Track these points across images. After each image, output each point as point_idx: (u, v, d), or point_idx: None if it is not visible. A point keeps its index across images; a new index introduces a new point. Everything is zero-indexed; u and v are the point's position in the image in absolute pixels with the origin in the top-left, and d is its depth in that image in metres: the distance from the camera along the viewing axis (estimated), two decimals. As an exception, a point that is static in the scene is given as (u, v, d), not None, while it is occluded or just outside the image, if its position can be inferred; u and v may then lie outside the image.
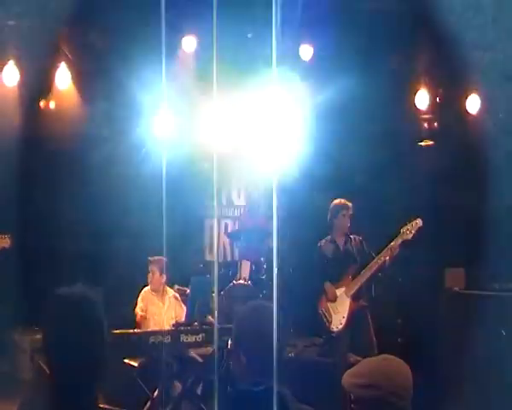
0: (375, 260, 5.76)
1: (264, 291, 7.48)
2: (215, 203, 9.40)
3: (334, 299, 5.95)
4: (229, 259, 9.16)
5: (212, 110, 7.92)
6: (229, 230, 9.23)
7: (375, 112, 8.01)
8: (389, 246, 5.70)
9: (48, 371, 2.58)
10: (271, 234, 8.55)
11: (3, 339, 7.22)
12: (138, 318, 5.92)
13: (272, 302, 2.49)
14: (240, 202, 9.48)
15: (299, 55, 7.61)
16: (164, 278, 6.09)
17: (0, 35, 7.01)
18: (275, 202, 7.86)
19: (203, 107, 7.72)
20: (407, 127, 7.95)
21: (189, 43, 7.52)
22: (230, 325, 5.47)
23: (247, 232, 8.17)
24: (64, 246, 7.89)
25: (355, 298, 5.88)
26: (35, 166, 7.62)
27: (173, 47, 7.31)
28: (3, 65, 7.16)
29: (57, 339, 2.01)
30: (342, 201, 6.06)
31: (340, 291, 5.93)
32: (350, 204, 6.04)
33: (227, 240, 9.15)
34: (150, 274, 6.07)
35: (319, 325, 7.74)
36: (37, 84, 7.48)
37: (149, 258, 6.12)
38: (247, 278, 7.55)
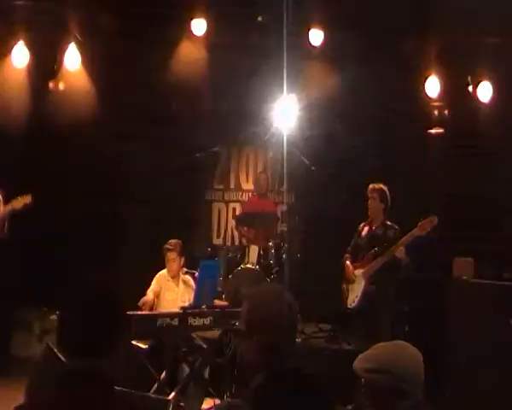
0: (389, 249, 5.79)
1: (272, 276, 7.52)
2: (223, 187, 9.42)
3: (350, 278, 6.12)
4: (236, 243, 9.19)
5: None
6: (237, 214, 9.23)
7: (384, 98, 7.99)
8: (402, 240, 5.78)
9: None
10: (279, 218, 8.64)
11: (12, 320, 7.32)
12: (148, 299, 5.95)
13: (282, 286, 2.45)
14: (248, 185, 9.48)
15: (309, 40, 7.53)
16: (182, 260, 6.14)
17: (9, 16, 6.98)
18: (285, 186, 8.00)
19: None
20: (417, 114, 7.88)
21: (198, 25, 7.42)
22: (238, 309, 5.58)
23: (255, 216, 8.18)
24: (75, 227, 7.95)
25: (369, 282, 5.99)
26: (44, 146, 7.64)
27: (184, 30, 7.25)
28: (13, 46, 7.14)
29: (76, 326, 2.05)
30: (371, 185, 6.13)
31: (358, 272, 6.09)
32: (377, 187, 6.09)
33: (235, 224, 9.18)
34: (170, 262, 6.08)
35: (327, 310, 7.82)
36: (47, 66, 7.46)
37: (167, 246, 6.10)
38: (255, 262, 7.57)
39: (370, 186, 6.09)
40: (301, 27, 7.32)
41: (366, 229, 6.19)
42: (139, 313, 4.99)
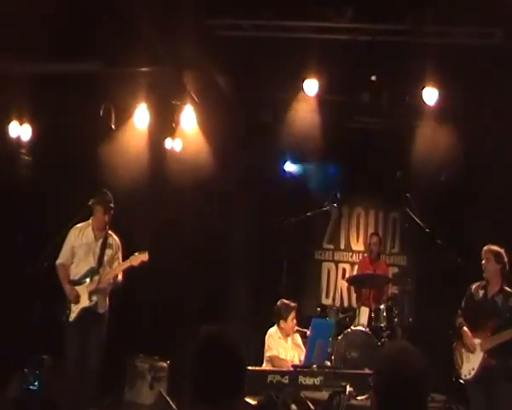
0: None
1: (383, 339, 7.25)
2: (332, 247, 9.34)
3: (469, 348, 5.66)
4: (346, 304, 9.00)
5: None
6: (347, 274, 9.11)
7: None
8: None
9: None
10: (391, 280, 8.39)
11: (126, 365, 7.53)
12: (278, 362, 5.91)
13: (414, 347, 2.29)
14: (358, 246, 9.32)
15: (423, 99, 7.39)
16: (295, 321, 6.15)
17: (133, 80, 7.42)
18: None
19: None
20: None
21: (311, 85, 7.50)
22: (348, 371, 5.38)
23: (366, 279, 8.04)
24: (185, 281, 8.12)
25: (489, 355, 5.54)
26: (161, 202, 7.95)
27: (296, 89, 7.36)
28: (136, 108, 7.55)
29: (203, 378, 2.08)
30: (486, 247, 5.78)
31: (475, 341, 5.64)
32: (492, 248, 5.72)
33: (345, 284, 9.02)
34: (292, 321, 6.12)
35: (440, 379, 7.36)
36: (165, 126, 7.81)
37: (292, 305, 6.17)
38: (366, 324, 7.36)
39: (485, 248, 5.76)
40: (415, 85, 7.21)
41: (481, 293, 5.78)
42: (250, 368, 4.91)
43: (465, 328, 5.74)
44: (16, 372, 4.93)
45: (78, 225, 6.30)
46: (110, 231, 6.39)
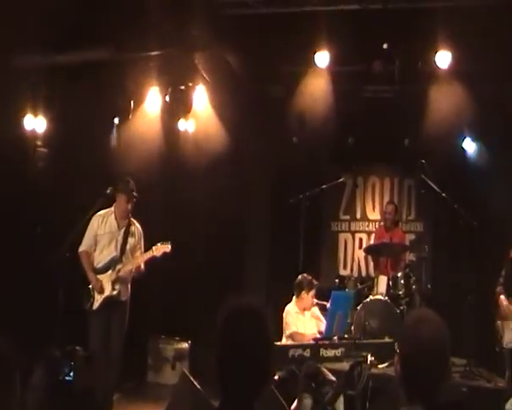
0: None
1: (402, 307, 7.31)
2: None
3: (506, 316, 5.66)
4: (363, 274, 9.06)
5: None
6: (364, 244, 9.13)
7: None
8: None
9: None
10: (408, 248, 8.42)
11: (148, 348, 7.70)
12: (299, 337, 6.00)
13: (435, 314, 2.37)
14: (374, 216, 9.34)
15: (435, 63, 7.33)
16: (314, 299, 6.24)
17: (145, 65, 7.45)
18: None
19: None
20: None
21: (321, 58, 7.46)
22: (369, 341, 5.45)
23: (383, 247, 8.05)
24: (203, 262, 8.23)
25: None
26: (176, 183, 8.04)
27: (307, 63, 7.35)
28: (147, 92, 7.59)
29: (232, 350, 2.06)
30: None
31: None
32: None
33: (362, 254, 9.08)
34: (311, 298, 6.17)
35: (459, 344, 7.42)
36: (178, 108, 7.83)
37: (314, 283, 6.23)
38: (384, 293, 7.41)
39: None
40: (427, 50, 7.15)
41: None
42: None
43: (501, 297, 5.73)
44: (40, 362, 5.06)
45: (101, 213, 6.27)
46: (132, 219, 6.38)
